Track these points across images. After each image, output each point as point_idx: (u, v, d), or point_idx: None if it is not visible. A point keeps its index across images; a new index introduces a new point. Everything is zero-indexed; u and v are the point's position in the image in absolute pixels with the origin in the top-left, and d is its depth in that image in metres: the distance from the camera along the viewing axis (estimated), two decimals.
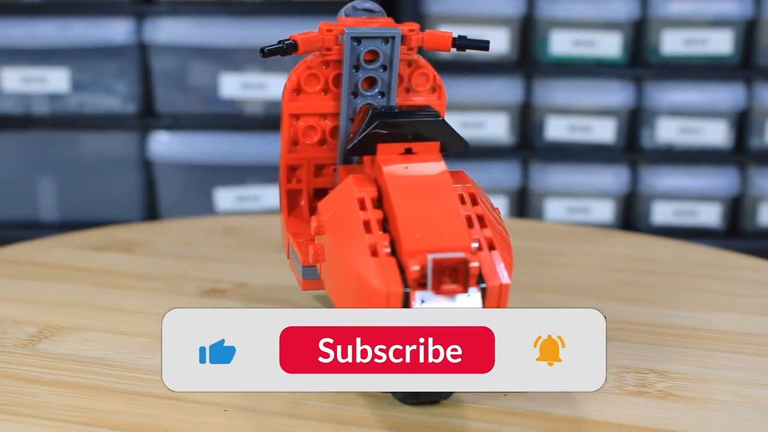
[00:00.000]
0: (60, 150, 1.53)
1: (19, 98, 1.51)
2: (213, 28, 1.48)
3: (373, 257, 0.53)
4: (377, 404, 0.57)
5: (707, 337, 0.69)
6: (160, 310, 0.67)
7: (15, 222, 1.56)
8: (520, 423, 0.55)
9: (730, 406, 0.59)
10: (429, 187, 0.56)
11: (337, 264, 0.55)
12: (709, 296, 0.78)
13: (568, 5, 1.49)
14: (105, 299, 0.73)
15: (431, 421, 0.55)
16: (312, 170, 0.70)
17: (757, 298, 0.78)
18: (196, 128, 1.51)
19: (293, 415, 0.55)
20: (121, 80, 1.50)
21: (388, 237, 0.54)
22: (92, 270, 0.80)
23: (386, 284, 0.51)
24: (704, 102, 1.52)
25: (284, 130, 0.68)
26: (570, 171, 1.55)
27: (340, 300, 0.56)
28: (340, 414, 0.56)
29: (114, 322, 0.69)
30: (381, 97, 0.68)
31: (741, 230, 1.57)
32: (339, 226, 0.56)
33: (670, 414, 0.57)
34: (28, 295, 0.74)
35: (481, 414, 0.56)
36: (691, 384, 0.61)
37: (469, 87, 1.52)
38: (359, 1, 0.68)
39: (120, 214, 1.55)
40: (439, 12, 1.50)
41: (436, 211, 0.54)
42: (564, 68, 1.52)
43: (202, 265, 0.82)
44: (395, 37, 0.67)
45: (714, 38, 1.51)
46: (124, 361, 0.62)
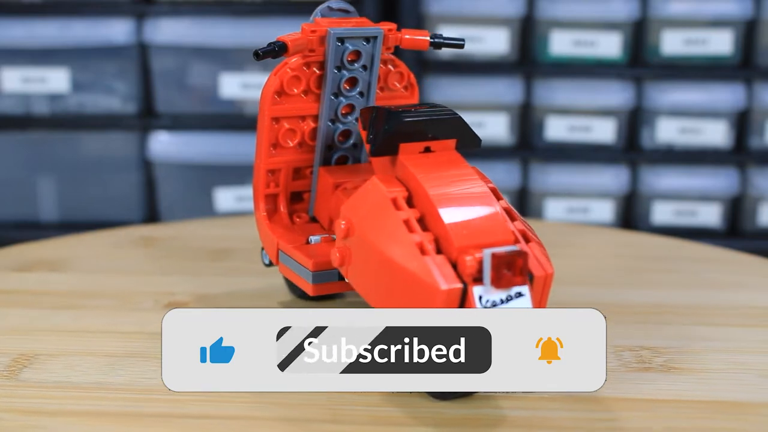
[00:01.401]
0: (60, 150, 1.53)
1: (19, 98, 1.51)
2: (213, 28, 1.48)
3: (424, 256, 0.53)
4: (414, 403, 0.57)
5: (686, 313, 0.74)
6: (132, 328, 0.68)
7: (15, 222, 1.56)
8: (550, 406, 0.57)
9: (727, 373, 0.63)
10: (461, 184, 0.57)
11: (381, 264, 0.55)
12: (681, 276, 0.83)
13: (568, 5, 1.49)
14: (64, 321, 0.70)
15: (469, 414, 0.56)
16: (290, 174, 0.69)
17: (728, 275, 0.83)
18: (196, 128, 1.51)
19: (337, 421, 0.56)
20: (121, 80, 1.50)
21: (431, 235, 0.55)
22: (27, 292, 0.77)
23: (446, 281, 0.52)
24: (704, 102, 1.52)
25: (263, 133, 0.67)
26: (570, 171, 1.55)
27: (382, 300, 0.56)
28: (382, 415, 0.56)
29: (90, 344, 0.66)
30: (360, 96, 0.68)
31: (741, 230, 1.57)
32: (377, 227, 0.56)
33: (681, 385, 0.61)
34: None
35: (512, 402, 0.58)
36: (683, 356, 0.66)
37: (469, 87, 1.52)
38: (334, 1, 0.67)
39: (120, 214, 1.55)
40: (439, 12, 1.50)
41: (472, 207, 0.56)
42: (564, 68, 1.52)
43: (143, 279, 0.80)
44: (377, 36, 0.67)
45: (714, 38, 1.51)
46: (127, 384, 0.60)
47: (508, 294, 0.52)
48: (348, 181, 0.68)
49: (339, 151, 0.70)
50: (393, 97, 0.70)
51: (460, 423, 0.55)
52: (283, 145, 0.68)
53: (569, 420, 0.56)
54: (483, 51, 1.52)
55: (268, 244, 0.69)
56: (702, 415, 0.58)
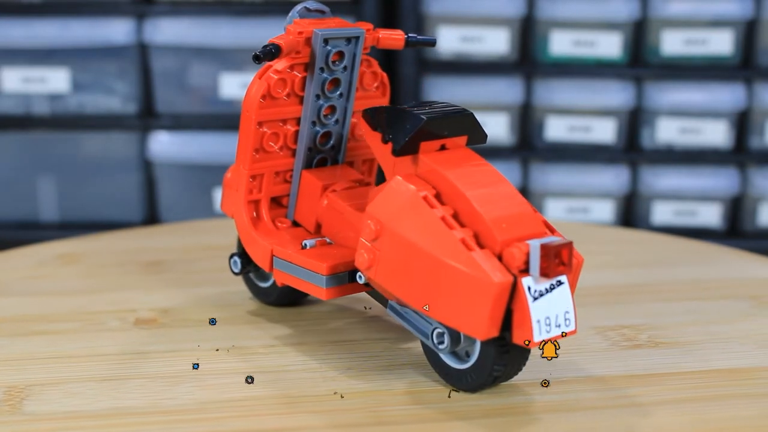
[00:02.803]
0: (60, 150, 1.53)
1: (19, 98, 1.51)
2: (213, 28, 1.48)
3: (471, 251, 0.54)
4: (444, 399, 0.59)
5: (650, 291, 0.78)
6: (112, 349, 0.66)
7: (15, 222, 1.56)
8: (572, 389, 0.60)
9: (711, 344, 0.68)
10: (486, 179, 0.59)
11: (422, 263, 0.56)
12: (637, 257, 0.87)
13: (568, 5, 1.49)
14: (37, 348, 0.67)
15: (501, 403, 0.58)
16: (272, 178, 0.68)
17: (677, 254, 0.88)
18: (196, 128, 1.51)
19: (382, 423, 0.56)
20: (121, 80, 1.50)
21: (470, 230, 0.56)
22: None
23: (498, 274, 0.53)
24: (704, 102, 1.52)
25: (248, 138, 0.66)
26: (570, 171, 1.55)
27: (425, 298, 0.56)
28: (420, 413, 0.57)
29: (79, 370, 0.63)
30: (340, 97, 0.68)
31: (741, 230, 1.57)
32: (414, 226, 0.57)
33: (675, 358, 0.65)
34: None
35: (536, 388, 0.60)
36: (662, 332, 0.70)
37: (469, 87, 1.52)
38: (310, 2, 0.67)
39: (120, 214, 1.55)
40: (439, 12, 1.50)
41: (503, 200, 0.57)
42: (564, 68, 1.52)
43: (92, 297, 0.77)
44: (359, 37, 0.67)
45: (714, 38, 1.51)
46: (148, 406, 0.58)
47: (551, 283, 0.54)
48: (335, 182, 0.68)
49: (320, 153, 0.69)
50: (367, 97, 0.70)
51: (496, 413, 0.57)
52: (267, 149, 0.67)
53: (594, 400, 0.59)
54: (483, 51, 1.52)
55: (258, 251, 0.67)
56: (708, 384, 0.61)
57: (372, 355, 0.65)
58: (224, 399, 0.59)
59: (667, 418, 0.57)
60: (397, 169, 0.60)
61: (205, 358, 0.65)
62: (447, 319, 0.56)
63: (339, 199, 0.66)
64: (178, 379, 0.62)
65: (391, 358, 0.65)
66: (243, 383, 0.61)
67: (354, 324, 0.71)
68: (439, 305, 0.56)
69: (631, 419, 0.57)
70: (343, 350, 0.66)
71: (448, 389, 0.60)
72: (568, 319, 0.55)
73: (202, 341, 0.67)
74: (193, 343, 0.67)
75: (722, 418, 0.57)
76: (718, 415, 0.57)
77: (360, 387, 0.61)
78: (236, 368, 0.63)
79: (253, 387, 0.60)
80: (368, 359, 0.65)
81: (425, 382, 0.61)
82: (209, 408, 0.58)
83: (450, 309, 0.55)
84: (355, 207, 0.66)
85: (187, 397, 0.59)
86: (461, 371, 0.59)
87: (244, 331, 0.69)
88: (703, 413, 0.58)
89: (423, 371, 0.62)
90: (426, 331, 0.59)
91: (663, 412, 0.58)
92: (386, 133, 0.60)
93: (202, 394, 0.60)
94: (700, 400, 0.59)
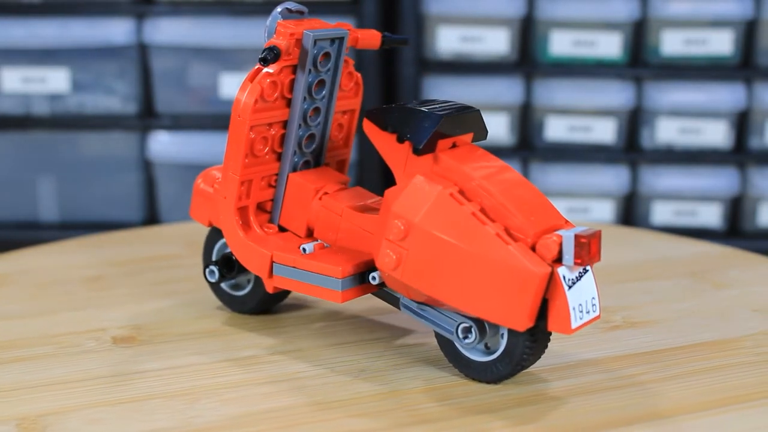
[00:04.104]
0: (60, 150, 1.53)
1: (19, 98, 1.51)
2: (213, 28, 1.48)
3: (508, 245, 0.55)
4: (474, 391, 0.60)
5: (601, 274, 0.78)
6: (106, 371, 0.63)
7: (15, 222, 1.56)
8: (583, 372, 0.63)
9: (681, 320, 0.72)
10: (504, 175, 0.59)
11: (457, 258, 0.56)
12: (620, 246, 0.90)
13: (568, 5, 1.49)
14: (24, 376, 0.62)
15: (527, 391, 0.60)
16: (259, 184, 0.67)
17: (623, 237, 0.92)
18: (196, 128, 1.51)
19: (426, 421, 0.56)
20: (121, 80, 1.50)
21: (501, 225, 0.57)
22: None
23: (539, 266, 0.55)
24: (704, 102, 1.52)
25: (240, 143, 0.64)
26: (570, 171, 1.55)
27: (461, 293, 0.57)
28: (454, 408, 0.58)
29: (85, 395, 0.60)
30: (322, 99, 0.67)
31: (741, 230, 1.57)
32: (445, 223, 0.57)
33: (655, 336, 0.69)
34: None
35: (548, 374, 0.62)
36: (631, 312, 0.73)
37: (469, 87, 1.52)
38: (290, 3, 0.66)
39: (120, 214, 1.55)
40: (439, 12, 1.50)
41: (524, 194, 0.58)
42: (564, 68, 1.52)
43: (50, 319, 0.72)
44: (343, 37, 0.66)
45: (714, 38, 1.51)
46: (181, 427, 0.56)
47: (579, 271, 0.56)
48: (324, 185, 0.67)
49: (304, 156, 0.69)
50: (343, 97, 0.69)
51: (527, 401, 0.58)
52: (257, 154, 0.65)
53: (606, 381, 0.61)
54: (483, 51, 1.52)
55: (255, 258, 0.65)
56: (698, 357, 0.65)
57: (378, 356, 0.65)
58: (254, 411, 0.57)
59: (679, 393, 0.59)
60: (409, 168, 0.60)
61: (210, 371, 0.63)
62: (483, 312, 0.57)
63: (335, 202, 0.66)
64: (194, 396, 0.59)
65: (398, 357, 0.65)
66: (262, 394, 0.59)
67: (338, 326, 0.71)
68: (474, 300, 0.57)
69: (648, 398, 0.59)
70: (346, 353, 0.66)
71: (465, 383, 0.60)
72: (594, 305, 0.57)
73: (194, 355, 0.65)
74: (186, 357, 0.65)
75: (728, 387, 0.60)
76: (722, 385, 0.60)
77: (383, 388, 0.60)
78: (249, 379, 0.62)
79: (277, 396, 0.59)
80: (376, 360, 0.65)
81: (442, 378, 0.61)
82: (245, 422, 0.56)
83: (487, 303, 0.56)
84: (355, 209, 0.65)
85: (214, 413, 0.57)
86: (485, 363, 0.60)
87: (234, 342, 0.68)
88: (709, 384, 0.61)
89: (435, 366, 0.63)
90: (449, 327, 0.60)
91: (673, 387, 0.60)
92: (403, 133, 0.60)
93: (227, 408, 0.58)
94: (699, 372, 0.62)
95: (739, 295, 0.77)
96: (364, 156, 1.51)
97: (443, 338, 0.62)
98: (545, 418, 0.56)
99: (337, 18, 1.46)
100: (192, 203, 0.71)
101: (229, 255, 0.69)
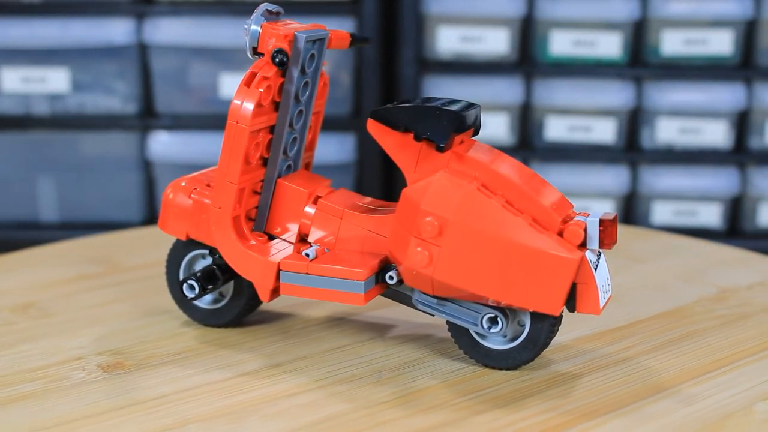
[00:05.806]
0: (60, 150, 1.53)
1: (19, 98, 1.51)
2: (213, 28, 1.48)
3: (541, 233, 0.58)
4: (498, 379, 0.62)
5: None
6: (118, 401, 0.59)
7: (15, 222, 1.56)
8: (578, 351, 0.66)
9: (639, 292, 0.77)
10: (516, 168, 0.61)
11: (496, 250, 0.58)
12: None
13: (568, 5, 1.49)
14: (28, 419, 0.56)
15: (548, 373, 0.62)
16: (250, 191, 0.65)
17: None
18: (196, 128, 1.51)
19: (476, 413, 0.57)
20: (121, 80, 1.50)
21: (528, 215, 0.58)
22: None
23: (574, 252, 0.57)
24: (704, 102, 1.52)
25: (239, 150, 0.63)
26: (570, 171, 1.55)
27: (498, 284, 0.58)
28: (493, 396, 0.59)
29: (122, 428, 0.56)
30: (306, 101, 0.67)
31: (741, 230, 1.57)
32: (480, 217, 0.58)
33: (623, 310, 0.73)
34: None
35: (552, 354, 0.65)
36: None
37: (469, 87, 1.52)
38: (269, 4, 0.65)
39: (120, 214, 1.55)
40: (439, 12, 1.50)
41: (539, 185, 0.60)
42: (564, 68, 1.52)
43: (15, 351, 0.66)
44: (324, 38, 0.66)
45: (714, 38, 1.50)
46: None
47: (597, 255, 0.60)
48: (315, 188, 0.66)
49: (287, 160, 0.67)
50: (316, 96, 0.69)
51: (555, 382, 0.61)
52: (250, 161, 0.64)
53: (600, 359, 0.64)
54: (483, 51, 1.52)
55: (258, 268, 0.63)
56: (670, 326, 0.70)
57: (386, 355, 0.65)
58: (305, 424, 0.56)
59: (668, 361, 0.64)
60: (421, 166, 0.61)
61: (229, 389, 0.60)
62: (518, 300, 0.58)
63: (332, 205, 0.65)
64: (234, 416, 0.56)
65: (406, 355, 0.65)
66: (304, 405, 0.58)
67: (325, 330, 0.70)
68: (509, 289, 0.58)
69: (644, 370, 0.63)
70: (352, 356, 0.65)
71: (481, 372, 0.62)
72: (609, 285, 0.61)
73: (202, 374, 0.62)
74: (194, 378, 0.62)
75: (716, 348, 0.66)
76: (705, 350, 0.66)
77: (414, 385, 0.61)
78: (278, 392, 0.60)
79: (324, 405, 0.58)
80: (387, 359, 0.64)
81: (461, 369, 0.63)
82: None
83: (522, 290, 0.58)
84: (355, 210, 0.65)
85: (264, 430, 0.55)
86: (505, 351, 0.62)
87: (230, 357, 0.65)
88: (692, 350, 0.66)
89: (447, 359, 0.64)
90: (472, 319, 0.61)
91: (661, 358, 0.64)
92: (421, 131, 0.60)
93: (276, 424, 0.56)
94: (678, 341, 0.68)
95: (665, 268, 0.84)
96: (364, 156, 1.51)
97: (457, 330, 0.63)
98: (573, 395, 0.59)
99: (337, 18, 1.46)
100: (162, 215, 0.68)
101: (212, 268, 0.66)
